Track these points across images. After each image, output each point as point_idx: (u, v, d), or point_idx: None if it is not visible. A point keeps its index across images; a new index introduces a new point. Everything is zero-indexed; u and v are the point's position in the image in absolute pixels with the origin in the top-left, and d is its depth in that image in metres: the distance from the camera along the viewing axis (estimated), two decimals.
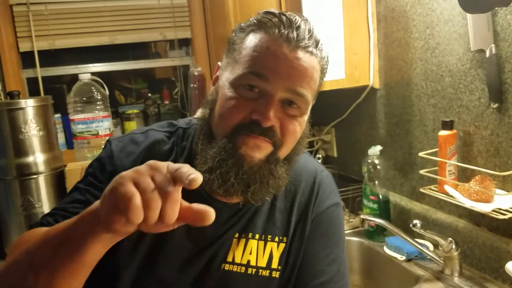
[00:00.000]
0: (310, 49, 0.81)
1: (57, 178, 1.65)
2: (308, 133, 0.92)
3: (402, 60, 1.51)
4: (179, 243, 0.88)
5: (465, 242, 1.27)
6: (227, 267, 0.90)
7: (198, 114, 0.92)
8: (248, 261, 0.91)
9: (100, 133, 1.95)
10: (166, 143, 0.93)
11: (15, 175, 1.57)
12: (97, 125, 1.95)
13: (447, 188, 1.22)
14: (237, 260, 0.90)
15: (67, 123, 2.13)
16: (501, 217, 1.09)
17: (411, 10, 1.44)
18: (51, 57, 2.37)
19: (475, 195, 1.16)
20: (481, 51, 1.19)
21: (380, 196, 1.53)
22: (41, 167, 1.60)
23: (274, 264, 0.92)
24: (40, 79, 2.32)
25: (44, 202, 1.60)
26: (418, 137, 1.48)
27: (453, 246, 1.20)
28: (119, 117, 2.54)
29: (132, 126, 2.49)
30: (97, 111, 1.97)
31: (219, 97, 0.84)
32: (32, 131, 1.58)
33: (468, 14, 1.19)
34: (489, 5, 1.05)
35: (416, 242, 1.31)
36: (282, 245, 0.93)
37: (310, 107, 0.87)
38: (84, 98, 1.96)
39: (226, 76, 0.84)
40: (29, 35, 2.28)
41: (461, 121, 1.29)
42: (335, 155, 2.05)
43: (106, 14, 2.40)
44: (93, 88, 1.99)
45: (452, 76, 1.31)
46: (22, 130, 1.56)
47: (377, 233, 1.53)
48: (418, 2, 1.40)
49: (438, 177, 1.27)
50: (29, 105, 1.57)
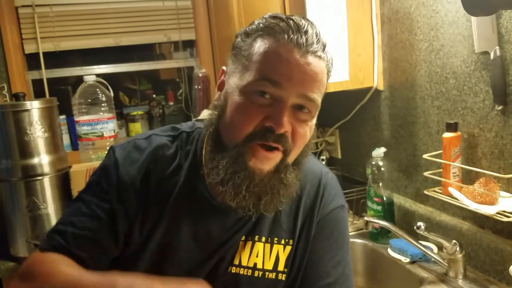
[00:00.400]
0: (319, 54, 0.81)
1: (62, 180, 1.66)
2: (315, 135, 0.92)
3: (406, 62, 1.51)
4: (187, 249, 0.88)
5: (469, 245, 1.27)
6: (234, 270, 0.90)
7: (203, 116, 0.91)
8: (255, 264, 0.91)
9: (105, 135, 1.96)
10: (170, 148, 0.92)
11: (20, 177, 1.57)
12: (102, 127, 1.95)
13: (451, 190, 1.22)
14: (244, 263, 0.91)
15: (72, 125, 2.14)
16: (506, 220, 1.08)
17: (415, 12, 1.43)
18: (56, 59, 2.38)
19: (480, 197, 1.15)
20: (486, 53, 1.19)
21: (384, 198, 1.53)
22: (46, 169, 1.60)
23: (281, 267, 0.92)
24: (45, 81, 2.33)
25: (49, 203, 1.61)
26: (422, 139, 1.48)
27: (457, 248, 1.20)
28: (124, 119, 2.54)
29: (137, 128, 2.49)
30: (102, 113, 1.98)
31: (229, 104, 0.83)
32: (37, 133, 1.58)
33: (473, 17, 1.18)
34: (493, 8, 1.05)
35: (420, 244, 1.31)
36: (288, 248, 0.93)
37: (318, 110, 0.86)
38: (89, 100, 1.97)
39: (235, 82, 0.83)
40: (35, 37, 2.29)
41: (466, 123, 1.29)
42: (339, 157, 2.05)
43: (111, 16, 2.41)
44: (98, 90, 2.00)
45: (457, 78, 1.31)
46: (27, 132, 1.56)
47: (381, 235, 1.52)
48: (423, 4, 1.40)
49: (442, 179, 1.27)
50: (34, 107, 1.57)
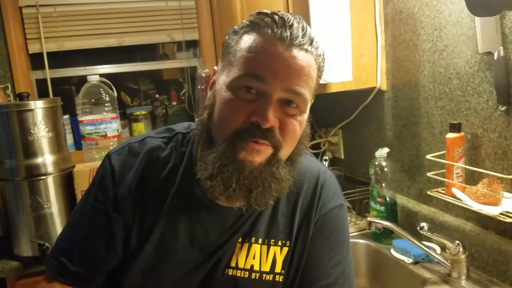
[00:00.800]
0: (305, 47, 0.80)
1: (66, 179, 1.66)
2: (309, 133, 0.91)
3: (410, 62, 1.51)
4: (183, 252, 0.88)
5: (473, 245, 1.27)
6: (231, 272, 0.90)
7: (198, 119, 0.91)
8: (252, 266, 0.91)
9: (109, 135, 1.96)
10: (164, 150, 0.91)
11: (24, 176, 1.57)
12: (106, 127, 1.95)
13: (455, 191, 1.22)
14: (241, 265, 0.90)
15: (76, 125, 2.14)
16: (509, 220, 1.08)
17: (419, 12, 1.43)
18: (60, 59, 2.39)
19: (483, 198, 1.15)
20: (489, 54, 1.19)
21: (387, 199, 1.53)
22: (50, 168, 1.61)
23: (278, 268, 0.92)
24: (49, 81, 2.34)
25: (53, 203, 1.61)
26: (426, 140, 1.48)
27: (461, 249, 1.20)
28: (127, 119, 2.55)
29: (140, 127, 2.50)
30: (106, 113, 1.98)
31: (217, 101, 0.83)
32: (41, 132, 1.58)
33: (476, 17, 1.18)
34: (497, 8, 1.05)
35: (423, 245, 1.31)
36: (285, 249, 0.92)
37: (309, 106, 0.85)
38: (93, 100, 1.97)
39: (223, 80, 0.83)
40: (38, 37, 2.29)
41: (469, 124, 1.29)
42: (342, 157, 2.05)
43: (114, 16, 2.41)
44: (102, 90, 2.00)
45: (460, 79, 1.30)
46: (31, 132, 1.57)
47: (384, 236, 1.52)
48: (426, 4, 1.40)
49: (446, 180, 1.27)
50: (38, 107, 1.58)
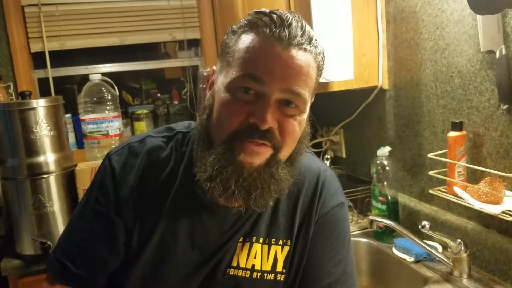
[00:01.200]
0: (304, 46, 0.79)
1: (68, 178, 1.66)
2: (309, 132, 0.90)
3: (412, 61, 1.51)
4: (184, 252, 0.88)
5: (474, 244, 1.27)
6: (232, 272, 0.90)
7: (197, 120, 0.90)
8: (253, 265, 0.90)
9: (110, 133, 1.96)
10: (164, 149, 0.91)
11: (26, 175, 1.58)
12: (107, 125, 1.96)
13: (456, 190, 1.22)
14: (242, 265, 0.90)
15: (78, 123, 2.15)
16: (511, 219, 1.08)
17: (421, 11, 1.43)
18: (62, 58, 2.39)
19: (485, 197, 1.15)
20: (491, 52, 1.18)
21: (389, 197, 1.53)
22: (52, 167, 1.61)
23: (279, 268, 0.92)
24: (51, 80, 2.34)
25: (55, 201, 1.61)
26: (428, 138, 1.48)
27: (462, 248, 1.20)
28: (129, 117, 2.55)
29: (142, 126, 2.50)
30: (107, 111, 1.98)
31: (216, 102, 0.82)
32: (43, 131, 1.59)
33: (478, 15, 1.18)
34: (499, 7, 1.05)
35: (425, 244, 1.31)
36: (286, 248, 0.92)
37: (309, 105, 0.85)
38: (95, 99, 1.98)
39: (221, 80, 0.82)
40: (40, 36, 2.30)
41: (471, 122, 1.29)
42: (344, 156, 2.05)
43: (116, 15, 2.42)
44: (103, 89, 2.00)
45: (462, 77, 1.30)
46: (33, 130, 1.57)
47: (386, 234, 1.52)
48: (428, 3, 1.40)
49: (447, 179, 1.26)
50: (40, 105, 1.58)
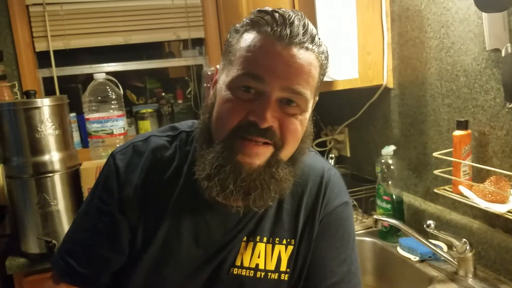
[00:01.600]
0: (306, 45, 0.78)
1: (73, 177, 1.67)
2: (312, 131, 0.89)
3: (417, 60, 1.50)
4: (188, 252, 0.88)
5: (480, 243, 1.26)
6: (236, 271, 0.90)
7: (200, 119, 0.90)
8: (257, 265, 0.90)
9: (115, 132, 1.97)
10: (168, 149, 0.91)
11: (32, 174, 1.58)
12: (112, 124, 1.96)
13: (462, 189, 1.21)
14: (246, 264, 0.90)
15: (82, 122, 2.15)
16: None
17: (426, 9, 1.43)
18: (67, 57, 2.40)
19: (490, 196, 1.15)
20: (497, 51, 1.18)
21: (394, 197, 1.52)
22: (57, 166, 1.62)
23: (283, 267, 0.91)
24: (56, 79, 2.35)
25: (60, 200, 1.62)
26: (433, 137, 1.47)
27: (467, 247, 1.19)
28: (133, 117, 2.56)
29: (146, 125, 2.51)
30: (112, 110, 1.98)
31: (217, 100, 0.82)
32: (48, 130, 1.59)
33: (484, 13, 1.18)
34: (505, 4, 1.04)
35: (430, 243, 1.30)
36: (290, 248, 0.92)
37: (312, 104, 0.84)
38: (99, 98, 1.98)
39: (223, 79, 0.82)
40: (45, 35, 2.31)
41: (476, 121, 1.28)
42: (348, 155, 2.04)
43: (121, 14, 2.42)
44: (108, 88, 2.01)
45: (467, 76, 1.30)
46: (38, 129, 1.58)
47: (391, 234, 1.52)
48: (433, 1, 1.39)
49: (453, 178, 1.26)
50: (45, 104, 1.59)
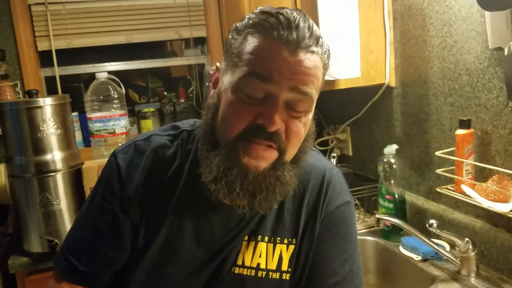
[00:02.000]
0: (312, 49, 0.78)
1: (75, 176, 1.67)
2: (314, 131, 0.89)
3: (419, 58, 1.50)
4: (189, 251, 0.88)
5: (483, 243, 1.26)
6: (237, 271, 0.90)
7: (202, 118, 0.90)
8: (258, 264, 0.90)
9: (117, 131, 1.97)
10: (170, 148, 0.91)
11: (34, 173, 1.59)
12: (114, 124, 1.96)
13: (464, 188, 1.21)
14: (247, 263, 0.90)
15: (85, 121, 2.16)
16: None
17: (428, 8, 1.42)
18: (69, 56, 2.40)
19: (493, 195, 1.14)
20: (500, 49, 1.17)
21: (396, 196, 1.52)
22: (59, 165, 1.62)
23: (284, 267, 0.91)
24: (58, 78, 2.35)
25: (62, 199, 1.62)
26: (435, 136, 1.47)
27: (470, 247, 1.19)
28: (136, 116, 2.56)
29: (148, 125, 2.51)
30: (114, 110, 1.99)
31: (222, 102, 0.81)
32: (50, 129, 1.59)
33: (486, 12, 1.17)
34: (508, 3, 1.04)
35: (433, 242, 1.30)
36: (292, 247, 0.92)
37: (314, 104, 0.84)
38: (101, 97, 1.98)
39: (227, 80, 0.81)
40: (47, 35, 2.31)
41: (479, 120, 1.28)
42: (351, 154, 2.04)
43: (123, 14, 2.42)
44: (110, 87, 2.01)
45: (470, 75, 1.29)
46: (41, 128, 1.58)
47: (393, 233, 1.52)
48: (435, 0, 1.39)
49: (455, 177, 1.26)
50: (47, 104, 1.59)
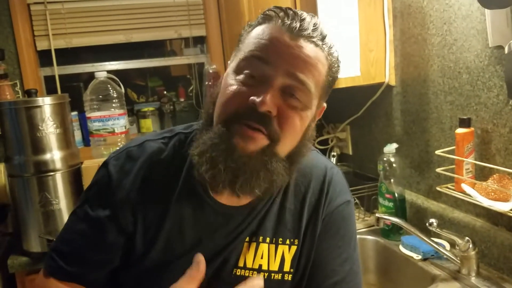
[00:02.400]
0: (314, 40, 0.79)
1: (74, 175, 1.67)
2: (314, 135, 0.89)
3: (419, 57, 1.49)
4: (190, 254, 0.86)
5: (483, 242, 1.25)
6: (239, 272, 0.89)
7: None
8: (260, 266, 0.89)
9: (116, 131, 1.97)
10: (164, 151, 0.90)
11: (33, 172, 1.59)
12: (113, 123, 1.96)
13: (464, 187, 1.21)
14: (249, 265, 0.89)
15: (84, 121, 2.16)
16: None
17: (428, 6, 1.42)
18: (68, 56, 2.39)
19: (493, 194, 1.14)
20: (500, 48, 1.17)
21: (396, 195, 1.52)
22: (58, 164, 1.62)
23: (286, 267, 0.91)
24: (57, 77, 2.34)
25: (61, 199, 1.62)
26: (435, 135, 1.46)
27: (470, 246, 1.19)
28: (135, 115, 2.56)
29: (148, 124, 2.51)
30: (113, 109, 1.99)
31: (221, 87, 0.83)
32: (49, 129, 1.59)
33: (487, 10, 1.17)
34: (508, 1, 1.04)
35: (433, 241, 1.30)
36: (294, 248, 0.91)
37: (315, 103, 0.83)
38: (100, 96, 1.98)
39: (231, 66, 0.84)
40: (46, 34, 2.30)
41: (479, 119, 1.27)
42: (350, 153, 2.04)
43: (122, 13, 2.42)
44: (109, 86, 2.01)
45: (470, 73, 1.29)
46: (40, 128, 1.58)
47: (393, 232, 1.51)
48: None
49: (455, 176, 1.25)
50: (47, 103, 1.59)
